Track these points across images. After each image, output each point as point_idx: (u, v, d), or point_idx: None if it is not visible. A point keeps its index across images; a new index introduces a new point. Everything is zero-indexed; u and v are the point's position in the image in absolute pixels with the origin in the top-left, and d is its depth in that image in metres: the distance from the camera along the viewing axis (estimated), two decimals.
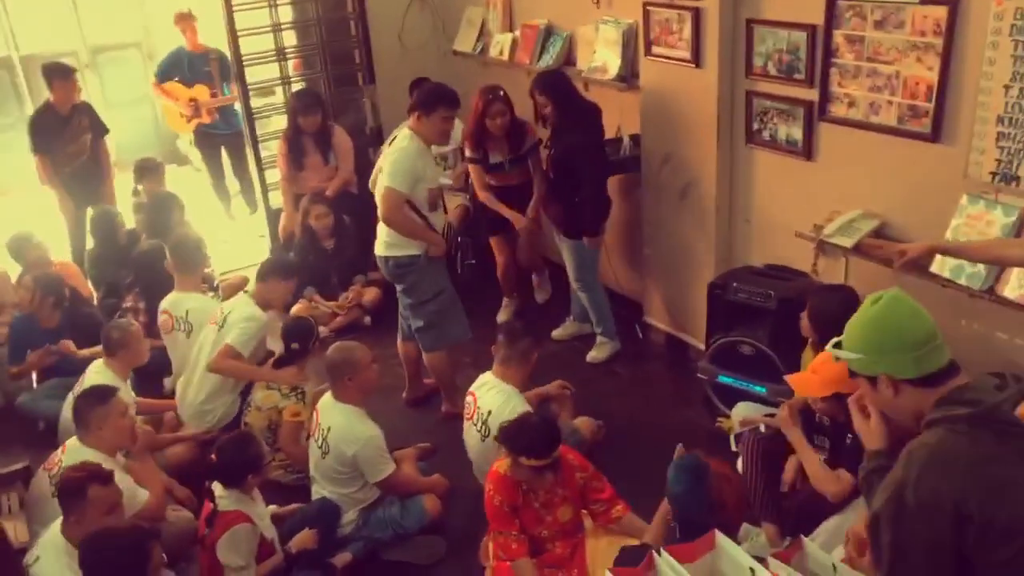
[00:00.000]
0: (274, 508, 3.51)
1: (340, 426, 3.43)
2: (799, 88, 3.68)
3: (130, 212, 5.80)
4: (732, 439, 3.45)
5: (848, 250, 3.47)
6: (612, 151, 4.61)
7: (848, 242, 3.45)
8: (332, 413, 3.49)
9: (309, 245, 5.38)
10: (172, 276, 4.55)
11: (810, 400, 2.97)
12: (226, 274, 5.78)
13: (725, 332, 3.89)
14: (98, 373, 3.91)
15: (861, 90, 3.44)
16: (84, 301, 5.06)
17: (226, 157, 6.91)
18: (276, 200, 5.85)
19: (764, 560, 1.91)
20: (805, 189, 3.80)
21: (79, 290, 5.08)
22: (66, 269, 5.24)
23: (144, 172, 5.84)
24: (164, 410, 4.28)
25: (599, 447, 3.77)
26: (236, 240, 6.65)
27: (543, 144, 4.57)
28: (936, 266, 3.20)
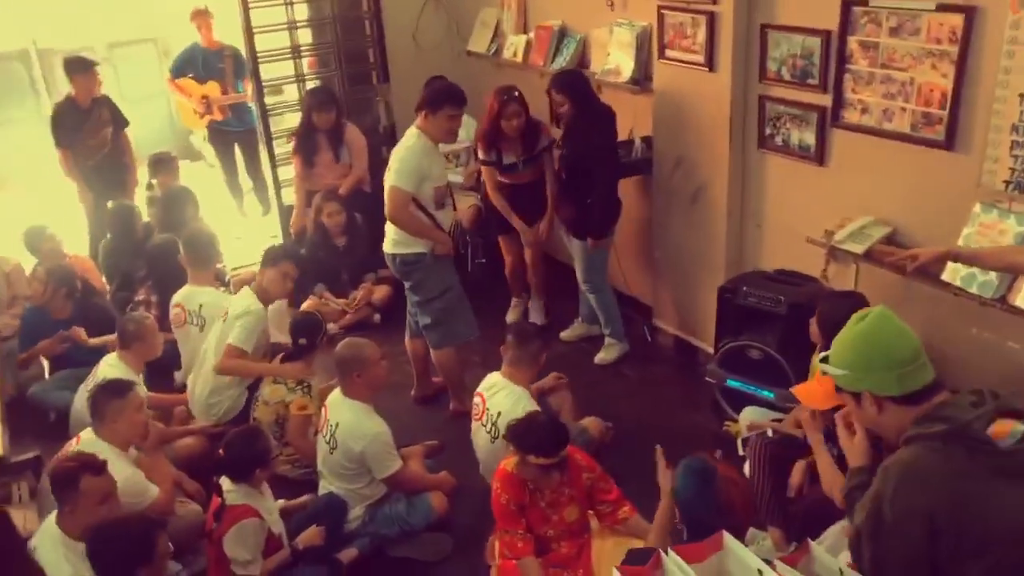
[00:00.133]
0: (283, 503, 3.52)
1: (348, 422, 3.44)
2: (812, 93, 3.68)
3: (144, 206, 5.83)
4: (739, 443, 3.44)
5: (859, 256, 3.47)
6: (624, 153, 4.61)
7: (859, 248, 3.45)
8: (341, 409, 3.50)
9: (321, 242, 5.40)
10: (185, 270, 4.57)
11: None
12: (237, 270, 5.81)
13: (734, 336, 3.89)
14: (112, 366, 3.94)
15: (875, 96, 3.44)
16: (96, 293, 5.10)
17: (239, 154, 6.95)
18: (288, 197, 5.87)
19: (772, 563, 1.91)
20: (817, 194, 3.80)
21: (92, 282, 5.12)
22: (80, 262, 5.29)
23: (158, 166, 5.88)
24: (174, 404, 4.31)
25: (606, 448, 3.78)
26: (248, 236, 6.67)
27: (555, 144, 4.57)
28: (948, 274, 3.19)
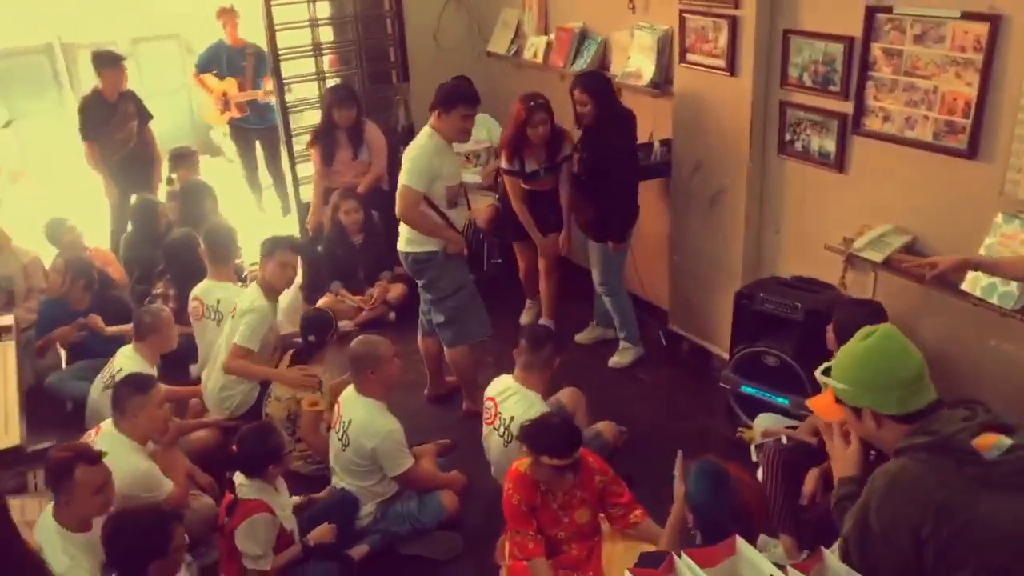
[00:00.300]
0: (296, 499, 3.53)
1: (361, 419, 3.45)
2: (834, 100, 3.66)
3: (165, 199, 5.87)
4: (753, 449, 3.43)
5: (877, 265, 3.45)
6: (643, 156, 4.61)
7: (878, 257, 3.43)
8: (354, 406, 3.51)
9: (338, 239, 5.42)
10: (204, 264, 4.61)
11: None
12: (254, 265, 5.82)
13: (750, 342, 3.87)
14: (128, 358, 3.97)
15: (897, 104, 3.41)
16: (114, 285, 5.14)
17: (260, 151, 6.98)
18: (307, 194, 5.89)
19: (784, 568, 1.91)
20: (836, 202, 3.78)
21: (111, 275, 5.16)
22: (100, 255, 5.33)
23: (179, 160, 5.93)
24: (189, 396, 4.33)
25: (620, 452, 3.77)
26: (267, 232, 6.68)
27: (575, 148, 4.56)
28: (968, 284, 3.17)
